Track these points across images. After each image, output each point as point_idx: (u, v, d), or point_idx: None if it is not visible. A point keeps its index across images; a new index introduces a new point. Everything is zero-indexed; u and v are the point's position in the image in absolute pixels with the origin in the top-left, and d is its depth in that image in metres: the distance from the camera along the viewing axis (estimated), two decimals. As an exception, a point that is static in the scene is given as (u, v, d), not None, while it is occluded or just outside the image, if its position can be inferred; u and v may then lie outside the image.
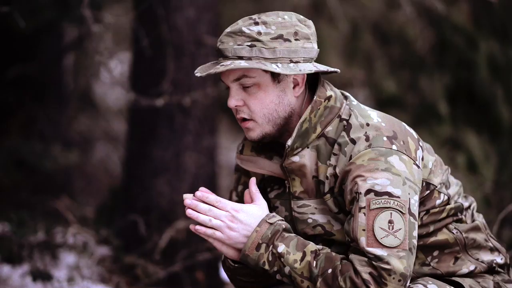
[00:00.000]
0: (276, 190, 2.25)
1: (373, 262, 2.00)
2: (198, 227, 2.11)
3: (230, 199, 2.38)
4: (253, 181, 2.20)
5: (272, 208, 2.26)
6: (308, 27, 2.15)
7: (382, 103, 5.05)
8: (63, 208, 3.87)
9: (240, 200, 2.34)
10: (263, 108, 2.12)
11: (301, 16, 2.16)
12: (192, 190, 3.68)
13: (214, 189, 3.83)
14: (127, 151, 3.93)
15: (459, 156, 4.57)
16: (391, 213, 2.03)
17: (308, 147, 2.14)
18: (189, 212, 2.12)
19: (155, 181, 3.70)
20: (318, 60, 2.19)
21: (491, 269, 2.27)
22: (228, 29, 2.12)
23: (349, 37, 5.45)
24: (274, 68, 2.07)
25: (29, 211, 3.77)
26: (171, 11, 3.65)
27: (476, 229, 2.25)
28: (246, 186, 2.32)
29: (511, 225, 3.80)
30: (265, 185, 2.27)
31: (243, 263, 2.13)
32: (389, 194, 2.03)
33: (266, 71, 2.10)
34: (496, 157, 4.62)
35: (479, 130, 4.75)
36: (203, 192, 2.14)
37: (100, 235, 3.72)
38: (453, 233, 2.21)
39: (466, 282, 2.20)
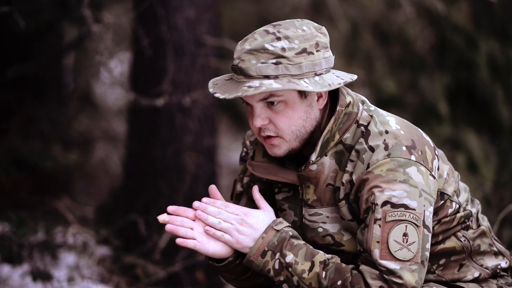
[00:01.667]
0: (285, 192, 2.22)
1: (385, 276, 1.99)
2: (207, 228, 2.09)
3: (234, 188, 2.35)
4: (256, 188, 2.17)
5: (279, 210, 2.24)
6: (325, 35, 2.10)
7: (382, 103, 5.04)
8: (63, 208, 3.87)
9: (245, 191, 2.31)
10: (291, 125, 2.07)
11: (315, 24, 2.11)
12: (192, 190, 3.70)
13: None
14: (127, 151, 3.93)
15: (459, 156, 4.56)
16: (406, 226, 2.01)
17: (326, 155, 2.11)
18: (198, 213, 2.09)
19: (155, 181, 3.70)
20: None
21: (495, 274, 2.26)
22: (247, 46, 2.03)
23: (349, 37, 5.45)
24: (305, 86, 2.00)
25: (29, 211, 3.77)
26: (171, 11, 3.65)
27: (482, 234, 2.24)
28: (251, 177, 2.29)
29: (511, 225, 3.80)
30: (271, 185, 2.25)
31: (246, 265, 2.11)
32: (405, 207, 2.02)
33: None
34: (496, 157, 4.62)
35: (479, 130, 4.75)
36: (210, 198, 2.12)
37: (100, 235, 3.72)
38: (461, 241, 2.20)
39: (470, 287, 2.19)
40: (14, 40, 4.55)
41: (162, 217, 2.13)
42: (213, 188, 2.17)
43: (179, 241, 2.09)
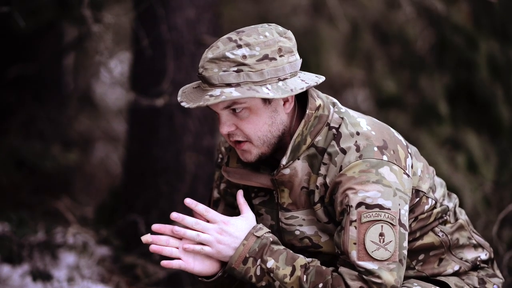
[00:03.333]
0: (261, 197, 2.23)
1: (364, 276, 2.01)
2: (186, 245, 2.08)
3: (211, 196, 2.36)
4: (240, 192, 2.18)
5: (256, 214, 2.24)
6: (289, 39, 2.10)
7: (382, 103, 5.05)
8: (63, 208, 3.88)
9: (222, 197, 2.33)
10: (257, 131, 2.09)
11: (280, 28, 2.11)
12: (192, 190, 3.69)
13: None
14: (127, 151, 3.93)
15: (459, 156, 4.57)
16: (382, 226, 2.03)
17: (299, 159, 2.12)
18: (176, 229, 2.09)
19: (155, 181, 3.70)
20: (319, 61, 2.17)
21: (475, 266, 2.28)
22: (209, 54, 2.05)
23: (349, 37, 5.45)
24: (266, 93, 2.01)
25: (29, 211, 3.77)
26: (171, 11, 3.65)
27: (460, 228, 2.26)
28: (228, 184, 2.30)
29: (511, 225, 3.80)
30: (248, 190, 2.25)
31: (229, 273, 2.11)
32: (380, 207, 2.03)
33: None
34: (496, 157, 4.62)
35: (479, 130, 4.75)
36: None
37: (100, 235, 3.72)
38: (438, 235, 2.21)
39: (450, 280, 2.21)
40: (14, 40, 4.56)
41: (145, 238, 2.12)
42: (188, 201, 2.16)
43: (164, 263, 2.09)
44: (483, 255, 2.29)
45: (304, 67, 2.18)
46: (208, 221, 2.11)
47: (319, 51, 5.16)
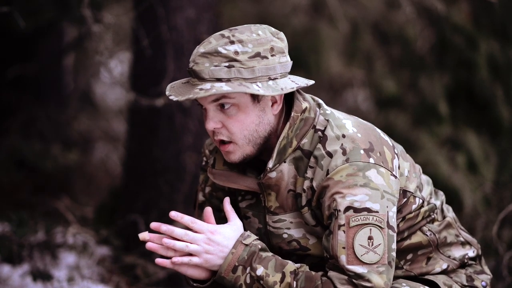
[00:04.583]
0: (248, 200, 2.22)
1: (354, 280, 2.00)
2: (174, 259, 2.07)
3: (196, 198, 2.35)
4: (227, 200, 2.16)
5: (243, 217, 2.24)
6: (282, 40, 2.10)
7: (382, 103, 5.05)
8: (63, 208, 3.87)
9: (207, 200, 2.32)
10: (244, 130, 2.08)
11: (273, 29, 2.11)
12: (192, 190, 3.69)
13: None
14: (127, 151, 3.93)
15: (459, 156, 4.57)
16: (370, 229, 2.02)
17: (285, 162, 2.11)
18: (165, 240, 2.07)
19: (155, 181, 3.70)
20: (319, 61, 2.17)
21: (463, 264, 2.29)
22: (201, 49, 2.04)
23: (349, 37, 5.44)
24: (256, 89, 2.01)
25: (29, 211, 3.77)
26: (171, 11, 3.65)
27: (448, 226, 2.26)
28: (213, 187, 2.30)
29: (511, 225, 3.80)
30: (235, 193, 2.25)
31: (218, 282, 2.11)
32: (368, 210, 2.02)
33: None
34: (496, 157, 4.62)
35: (479, 130, 4.75)
36: (178, 213, 2.10)
37: (100, 235, 3.72)
38: (426, 235, 2.22)
39: (439, 279, 2.22)
40: (14, 40, 4.56)
41: (142, 235, 2.11)
42: (208, 211, 2.15)
43: (158, 261, 2.08)
44: (471, 252, 2.29)
45: (304, 67, 2.19)
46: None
47: (319, 51, 5.16)
